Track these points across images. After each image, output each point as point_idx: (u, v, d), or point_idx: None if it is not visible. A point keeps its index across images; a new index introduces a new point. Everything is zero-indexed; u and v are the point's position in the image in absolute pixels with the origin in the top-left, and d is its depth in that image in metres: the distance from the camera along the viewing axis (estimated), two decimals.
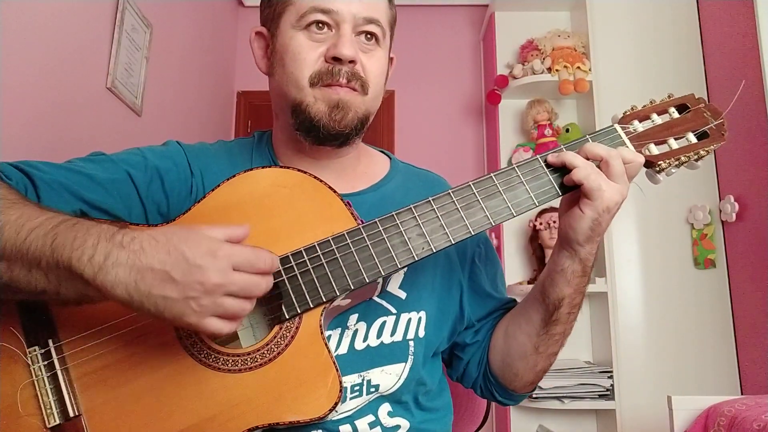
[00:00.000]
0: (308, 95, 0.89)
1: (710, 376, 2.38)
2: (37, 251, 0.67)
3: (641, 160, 0.83)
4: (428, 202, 0.81)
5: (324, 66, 0.88)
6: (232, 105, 3.44)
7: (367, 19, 0.90)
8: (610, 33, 2.73)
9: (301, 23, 0.90)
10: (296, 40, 0.90)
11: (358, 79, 0.89)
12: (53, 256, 0.67)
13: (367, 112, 0.92)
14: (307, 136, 0.91)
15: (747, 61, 2.23)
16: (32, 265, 0.68)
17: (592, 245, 0.84)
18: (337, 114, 0.88)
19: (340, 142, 0.92)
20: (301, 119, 0.90)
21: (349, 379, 0.86)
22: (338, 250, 0.78)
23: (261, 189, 0.82)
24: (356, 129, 0.91)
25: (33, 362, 0.74)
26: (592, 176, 0.79)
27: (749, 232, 2.27)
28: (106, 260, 0.65)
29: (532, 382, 0.98)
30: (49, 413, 0.73)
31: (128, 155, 0.92)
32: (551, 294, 0.88)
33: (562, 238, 0.86)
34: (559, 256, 0.87)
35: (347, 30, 0.89)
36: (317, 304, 0.77)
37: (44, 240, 0.67)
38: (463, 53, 3.47)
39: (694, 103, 0.89)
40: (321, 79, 0.88)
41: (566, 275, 0.86)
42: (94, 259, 0.65)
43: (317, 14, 0.89)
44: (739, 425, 1.35)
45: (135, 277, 0.65)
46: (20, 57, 1.47)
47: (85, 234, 0.67)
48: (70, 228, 0.68)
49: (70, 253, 0.66)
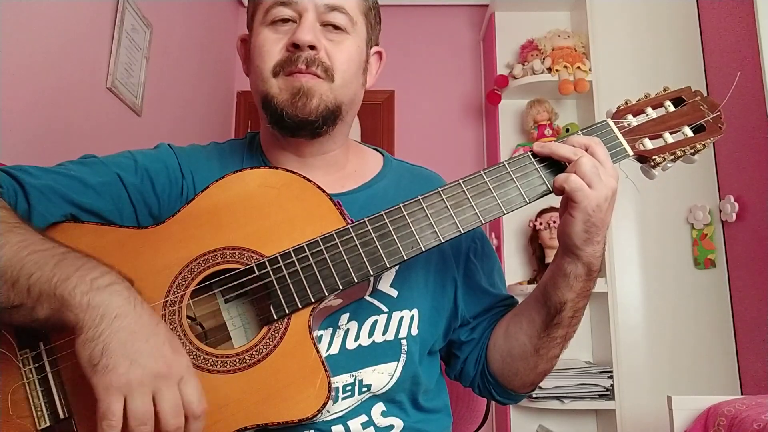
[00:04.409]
0: (273, 86, 0.90)
1: (710, 376, 2.37)
2: (35, 267, 0.70)
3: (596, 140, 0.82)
4: (417, 201, 0.81)
5: (285, 55, 0.89)
6: (232, 105, 3.44)
7: (329, 6, 0.91)
8: (610, 33, 2.72)
9: (267, 19, 0.92)
10: (262, 36, 0.92)
11: (319, 64, 0.89)
12: (52, 272, 0.69)
13: (336, 100, 0.91)
14: (279, 129, 0.92)
15: (747, 62, 2.22)
16: (20, 278, 0.69)
17: (594, 247, 0.82)
18: (300, 100, 0.88)
19: (310, 131, 0.92)
20: (270, 111, 0.91)
21: (341, 379, 0.86)
22: (327, 250, 0.78)
23: (250, 190, 0.82)
24: (324, 117, 0.91)
25: (24, 365, 0.74)
26: (571, 178, 0.78)
27: (749, 232, 2.26)
28: (108, 287, 0.69)
29: (532, 383, 0.97)
30: (39, 415, 0.73)
31: (119, 158, 0.92)
32: (553, 297, 0.87)
33: (561, 245, 0.85)
34: (561, 260, 0.85)
35: (309, 18, 0.89)
36: (306, 305, 0.77)
37: (47, 260, 0.70)
38: (463, 53, 3.47)
39: (691, 96, 0.87)
40: (282, 67, 0.89)
41: (569, 279, 0.85)
42: (97, 281, 0.69)
43: (279, 8, 0.90)
44: (739, 425, 1.35)
45: (125, 310, 0.68)
46: (20, 57, 1.47)
47: (94, 265, 0.72)
48: (78, 258, 0.72)
49: (73, 272, 0.70)
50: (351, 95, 0.95)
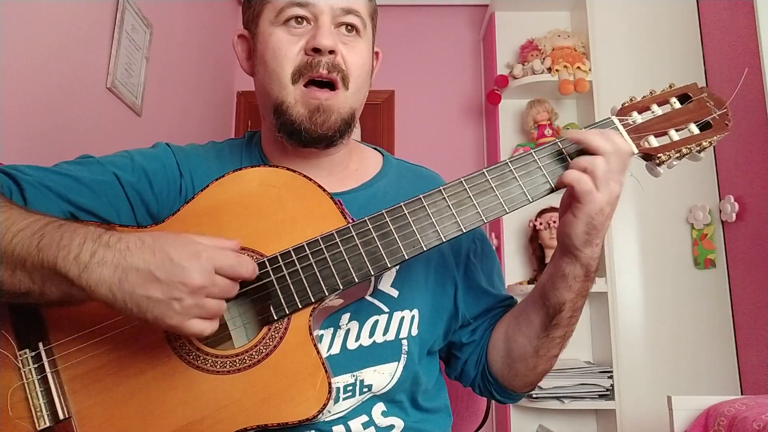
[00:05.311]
0: (289, 95, 0.88)
1: (710, 376, 2.37)
2: (23, 252, 0.68)
3: (628, 149, 0.81)
4: (419, 200, 0.80)
5: (304, 59, 0.88)
6: (232, 105, 3.44)
7: (345, 9, 0.90)
8: (610, 33, 2.73)
9: (279, 19, 0.89)
10: (275, 37, 0.89)
11: (339, 71, 0.88)
12: (39, 256, 0.67)
13: (351, 109, 0.92)
14: (289, 139, 0.91)
15: (748, 62, 2.22)
16: (17, 265, 0.68)
17: (592, 249, 0.82)
18: (319, 118, 0.88)
19: (324, 145, 0.92)
20: (282, 120, 0.90)
21: (342, 379, 0.86)
22: (327, 250, 0.78)
23: (250, 188, 0.82)
24: (341, 131, 0.90)
25: (23, 365, 0.74)
26: (583, 179, 0.78)
27: (749, 232, 2.26)
28: (91, 259, 0.66)
29: (532, 383, 0.97)
30: (39, 416, 0.73)
31: (116, 157, 0.92)
32: (552, 298, 0.87)
33: (560, 245, 0.85)
34: (559, 261, 0.85)
35: (326, 21, 0.88)
36: (306, 305, 0.77)
37: (30, 241, 0.68)
38: (463, 53, 3.47)
39: (697, 93, 0.86)
40: (302, 73, 0.88)
41: (567, 280, 0.84)
42: (80, 258, 0.66)
43: (295, 8, 0.88)
44: (739, 425, 1.35)
45: (119, 276, 0.66)
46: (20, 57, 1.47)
47: (71, 234, 0.68)
48: (57, 228, 0.69)
49: (56, 253, 0.67)
50: (362, 100, 0.95)
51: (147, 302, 0.66)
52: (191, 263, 0.66)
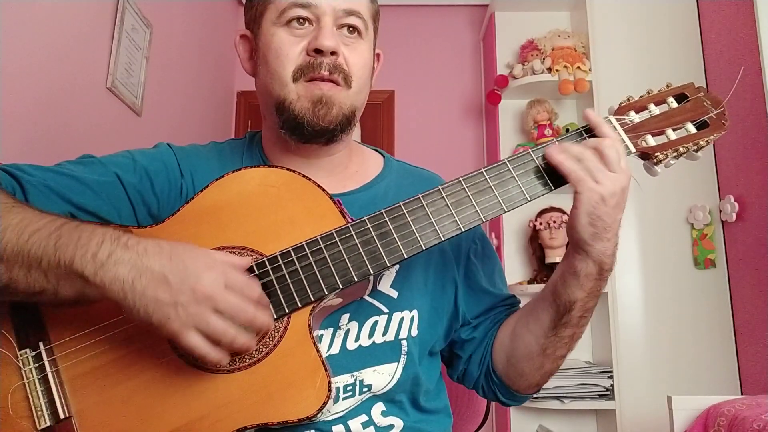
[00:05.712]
0: (291, 92, 0.89)
1: (710, 376, 2.37)
2: (39, 251, 0.69)
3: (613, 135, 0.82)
4: (417, 199, 0.80)
5: (306, 59, 0.89)
6: (232, 105, 3.44)
7: (347, 11, 0.90)
8: (610, 33, 2.72)
9: (281, 20, 0.90)
10: (278, 37, 0.90)
11: (341, 71, 0.89)
12: (56, 255, 0.69)
13: (353, 107, 0.92)
14: (292, 135, 0.91)
15: (748, 63, 2.21)
16: (32, 265, 0.69)
17: (603, 243, 0.81)
18: (321, 109, 0.88)
19: (326, 139, 0.92)
20: (285, 117, 0.90)
21: (342, 379, 0.86)
22: (326, 249, 0.78)
23: (250, 188, 0.82)
24: (341, 125, 0.91)
25: (24, 365, 0.74)
26: (577, 168, 0.79)
27: (749, 232, 2.26)
28: (108, 258, 0.68)
29: (537, 384, 0.96)
30: (39, 415, 0.73)
31: (117, 157, 0.92)
32: (563, 296, 0.86)
33: (570, 242, 0.84)
34: (571, 257, 0.84)
35: (328, 22, 0.89)
36: (305, 304, 0.77)
37: (47, 241, 0.70)
38: (463, 53, 3.47)
39: (694, 93, 0.86)
40: (303, 72, 0.88)
41: (579, 278, 0.83)
42: (98, 257, 0.68)
43: (297, 9, 0.89)
44: (739, 425, 1.35)
45: (134, 275, 0.67)
46: (20, 57, 1.47)
47: (90, 234, 0.70)
48: (74, 229, 0.71)
49: (74, 252, 0.68)
50: (363, 100, 0.95)
51: (154, 304, 0.67)
52: (204, 272, 0.68)
